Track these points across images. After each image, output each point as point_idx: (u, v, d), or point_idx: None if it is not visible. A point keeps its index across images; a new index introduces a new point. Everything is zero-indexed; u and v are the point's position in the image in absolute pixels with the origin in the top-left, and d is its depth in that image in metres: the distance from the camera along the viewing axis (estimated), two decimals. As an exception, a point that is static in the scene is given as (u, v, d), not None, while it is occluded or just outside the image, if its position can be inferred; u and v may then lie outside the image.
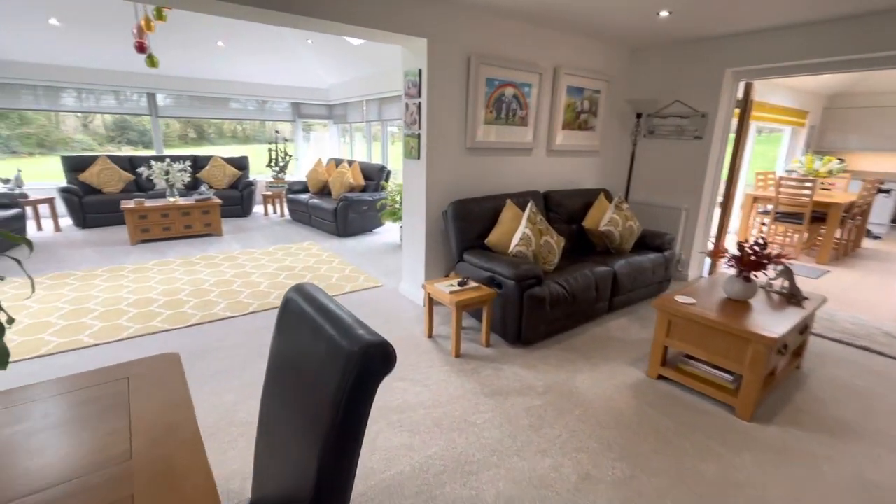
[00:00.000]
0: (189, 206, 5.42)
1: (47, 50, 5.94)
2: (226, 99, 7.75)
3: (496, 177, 3.70)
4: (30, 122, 13.47)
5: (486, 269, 2.96)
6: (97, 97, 6.83)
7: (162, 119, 7.51)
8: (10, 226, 4.75)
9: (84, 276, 4.00)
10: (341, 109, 8.35)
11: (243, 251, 4.97)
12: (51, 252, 4.77)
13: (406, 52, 3.28)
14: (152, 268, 4.29)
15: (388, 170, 6.16)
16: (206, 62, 6.91)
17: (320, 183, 6.59)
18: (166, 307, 3.36)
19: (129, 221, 5.09)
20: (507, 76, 3.49)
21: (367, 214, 5.87)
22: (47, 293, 3.57)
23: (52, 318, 3.13)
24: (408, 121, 3.36)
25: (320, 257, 4.80)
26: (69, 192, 5.75)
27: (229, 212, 6.79)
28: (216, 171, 6.98)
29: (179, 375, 1.13)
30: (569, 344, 2.98)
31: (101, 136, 16.46)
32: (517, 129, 3.70)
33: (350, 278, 4.12)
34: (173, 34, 5.91)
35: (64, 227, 5.98)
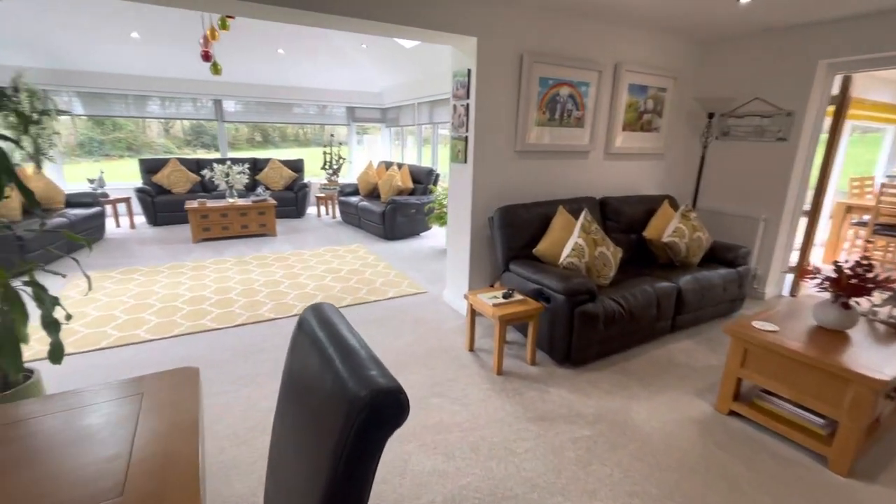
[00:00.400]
0: (246, 207, 5.64)
1: (130, 61, 6.44)
2: (285, 104, 8.05)
3: (547, 181, 3.48)
4: (121, 128, 14.85)
5: (533, 281, 2.76)
6: (177, 104, 7.31)
7: (231, 123, 7.94)
8: (90, 223, 5.16)
9: (148, 272, 4.24)
10: (394, 113, 8.42)
11: (294, 252, 5.08)
12: (124, 248, 5.13)
13: (455, 52, 3.16)
14: (209, 266, 4.48)
15: (437, 173, 6.08)
16: (268, 69, 7.21)
17: (370, 186, 6.64)
18: (217, 306, 3.46)
19: (192, 220, 5.37)
20: (563, 75, 3.27)
21: (415, 218, 5.82)
22: (116, 287, 3.81)
23: (116, 311, 3.31)
24: (455, 123, 3.23)
25: (366, 260, 4.79)
26: (143, 192, 6.19)
27: (284, 212, 7.03)
28: (273, 174, 7.26)
29: (194, 394, 1.07)
30: (624, 367, 2.70)
31: (179, 140, 17.83)
32: (572, 130, 3.46)
33: (393, 283, 4.06)
34: (238, 43, 6.20)
35: (138, 224, 6.45)
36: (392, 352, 2.81)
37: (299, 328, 0.96)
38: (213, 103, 7.50)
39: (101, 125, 14.35)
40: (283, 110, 8.11)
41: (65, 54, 6.07)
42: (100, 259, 4.67)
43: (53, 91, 6.47)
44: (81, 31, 5.58)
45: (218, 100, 7.49)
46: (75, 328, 3.01)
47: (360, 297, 3.69)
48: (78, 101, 6.65)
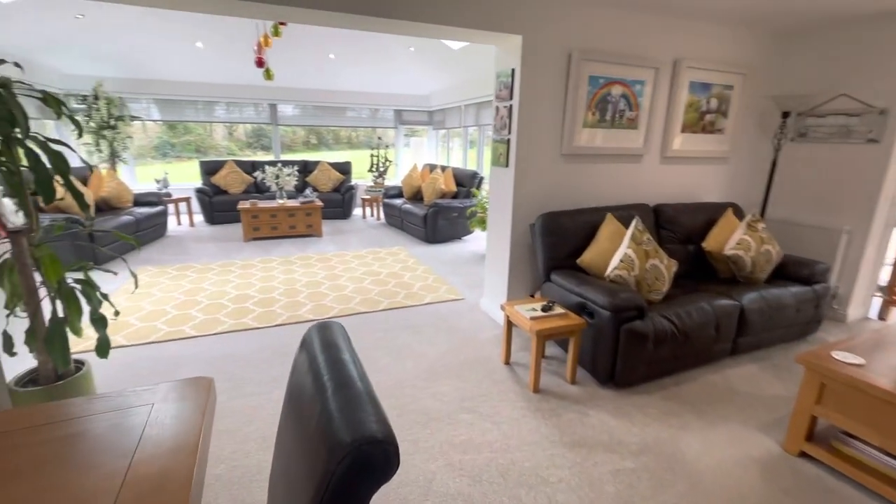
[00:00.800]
0: (294, 208, 5.80)
1: (195, 69, 6.85)
2: (335, 107, 8.25)
3: (595, 187, 3.27)
4: (190, 132, 15.95)
5: (576, 294, 2.57)
6: (240, 109, 7.69)
7: (285, 127, 8.26)
8: (154, 221, 5.52)
9: (200, 269, 4.45)
10: (440, 115, 8.39)
11: (337, 253, 5.16)
12: (182, 245, 5.44)
13: (499, 51, 3.03)
14: (256, 265, 4.63)
15: (481, 176, 5.97)
16: (319, 74, 7.41)
17: (414, 188, 6.64)
18: (259, 305, 3.55)
19: (244, 220, 5.60)
20: (615, 73, 3.05)
21: (457, 221, 5.74)
22: (170, 283, 4.02)
23: (167, 306, 3.48)
24: (497, 125, 3.11)
25: (406, 263, 4.76)
26: (202, 193, 6.56)
27: (331, 213, 7.19)
28: (322, 176, 7.45)
29: (200, 409, 1.03)
30: (675, 392, 2.46)
31: (241, 143, 18.87)
32: (624, 132, 3.22)
33: (431, 288, 3.99)
34: (290, 50, 6.41)
35: (197, 222, 6.84)
36: (425, 360, 2.73)
37: (302, 347, 0.89)
38: (268, 107, 7.82)
39: (173, 129, 15.48)
40: (333, 114, 8.32)
41: (139, 64, 6.55)
42: (160, 255, 4.97)
43: (133, 98, 7.01)
44: (153, 42, 5.99)
45: (273, 104, 7.80)
46: (130, 321, 3.19)
47: (396, 302, 3.65)
48: (155, 107, 7.16)
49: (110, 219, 4.76)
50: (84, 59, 6.19)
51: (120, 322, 3.16)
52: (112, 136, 6.34)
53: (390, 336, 3.05)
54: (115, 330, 3.03)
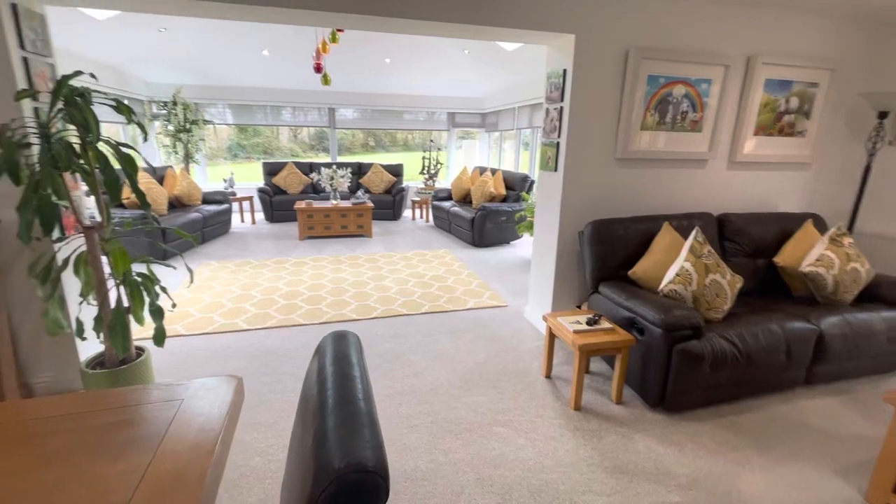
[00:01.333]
0: (346, 209, 5.98)
1: (262, 76, 7.27)
2: (389, 111, 8.42)
3: (651, 194, 3.06)
4: (259, 134, 17.00)
5: (625, 308, 2.41)
6: (304, 113, 8.08)
7: (343, 130, 8.57)
8: (219, 218, 5.91)
9: (257, 265, 4.69)
10: (493, 117, 8.31)
11: (384, 254, 5.24)
12: (243, 241, 5.77)
13: (551, 51, 2.92)
14: (308, 263, 4.81)
15: (532, 180, 5.82)
16: (375, 78, 7.60)
17: (463, 191, 6.61)
18: (307, 302, 3.67)
19: (299, 219, 5.85)
20: (678, 72, 2.83)
21: (505, 226, 5.63)
22: (229, 277, 4.27)
23: (224, 299, 3.69)
24: (547, 128, 3.00)
25: (451, 267, 4.74)
26: (263, 192, 6.94)
27: (382, 215, 7.33)
28: (375, 178, 7.62)
29: (225, 409, 1.05)
30: (734, 421, 2.22)
31: (304, 145, 19.80)
32: (687, 135, 2.99)
33: (475, 293, 3.93)
34: (348, 56, 6.62)
35: (258, 220, 7.25)
36: (462, 368, 2.68)
37: (315, 354, 0.88)
38: (327, 111, 8.14)
39: (243, 132, 16.57)
40: (388, 117, 8.50)
41: (212, 72, 7.06)
42: (223, 250, 5.31)
43: (210, 104, 7.57)
44: (224, 52, 6.43)
45: (331, 108, 8.11)
46: (191, 312, 3.41)
47: (438, 306, 3.63)
48: (228, 111, 7.69)
49: (181, 215, 5.15)
50: (165, 68, 6.77)
51: (181, 312, 3.39)
52: (187, 138, 6.87)
53: (430, 340, 3.03)
54: (177, 319, 3.25)
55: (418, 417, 2.20)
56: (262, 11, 2.33)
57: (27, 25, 2.09)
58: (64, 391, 2.38)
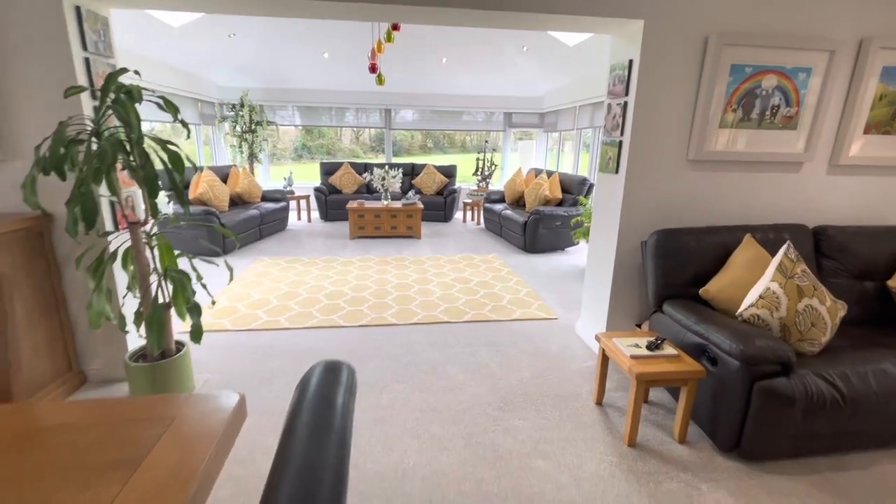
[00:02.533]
0: (396, 210, 5.94)
1: (323, 78, 7.46)
2: (446, 111, 8.33)
3: (729, 201, 2.66)
4: (324, 136, 17.68)
5: (694, 333, 2.08)
6: (367, 114, 8.22)
7: (407, 131, 8.61)
8: (277, 215, 6.10)
9: (307, 263, 4.75)
10: (552, 117, 7.96)
11: (431, 256, 5.12)
12: (297, 239, 5.92)
13: (615, 40, 2.63)
14: (355, 262, 4.80)
15: (591, 183, 5.44)
16: (431, 79, 7.53)
17: (516, 194, 6.35)
18: (350, 303, 3.62)
19: (350, 219, 5.90)
20: (769, 59, 2.44)
21: (559, 231, 5.31)
22: (279, 274, 4.35)
23: (271, 296, 3.74)
24: (608, 126, 2.71)
25: (499, 273, 4.51)
26: (319, 191, 7.10)
27: (433, 216, 7.25)
28: (427, 179, 7.56)
29: (217, 430, 0.93)
30: (832, 480, 1.83)
31: (365, 146, 20.31)
32: (778, 134, 2.57)
33: (522, 303, 3.69)
34: (404, 56, 6.60)
35: (314, 218, 7.44)
36: (503, 385, 2.47)
37: (298, 387, 0.73)
38: (384, 112, 8.20)
39: (309, 133, 17.28)
40: (443, 118, 8.42)
41: (277, 75, 7.34)
42: (277, 246, 5.46)
43: (279, 106, 7.91)
44: (288, 55, 6.65)
45: (388, 109, 8.16)
46: (238, 307, 3.48)
47: (482, 314, 3.44)
48: (297, 113, 8.00)
49: (241, 212, 5.36)
50: (234, 72, 7.13)
51: (229, 308, 3.46)
52: (252, 139, 7.20)
53: (470, 351, 2.84)
54: (224, 314, 3.32)
55: (451, 440, 2.02)
56: (313, 6, 2.27)
57: (90, 28, 2.17)
58: (113, 380, 2.46)
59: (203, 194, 5.09)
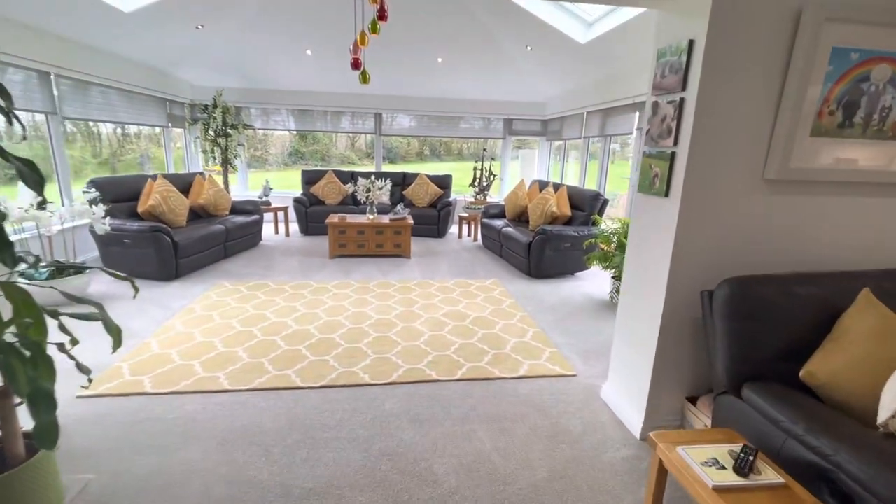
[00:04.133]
0: (382, 226, 5.23)
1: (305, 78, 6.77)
2: (440, 117, 7.67)
3: (827, 236, 1.97)
4: (318, 141, 16.93)
5: (805, 444, 1.37)
6: (363, 119, 7.50)
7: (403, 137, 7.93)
8: (247, 230, 5.37)
9: (273, 290, 4.02)
10: (556, 124, 7.31)
11: (421, 282, 4.40)
12: (269, 257, 5.18)
13: (665, 18, 1.95)
14: (330, 290, 4.07)
15: (605, 199, 4.76)
16: (425, 80, 6.87)
17: (518, 208, 5.66)
18: (314, 350, 2.89)
19: (330, 235, 5.18)
20: (883, 42, 1.76)
21: (569, 253, 4.61)
22: (236, 305, 3.61)
23: (218, 339, 3.00)
24: (654, 132, 2.01)
25: (500, 305, 3.80)
26: (299, 202, 6.38)
27: (424, 231, 6.54)
28: (419, 189, 6.86)
29: None
30: None
31: (361, 153, 19.52)
32: (890, 145, 1.89)
33: (530, 350, 2.97)
34: (396, 54, 5.93)
35: (293, 231, 6.71)
36: (511, 495, 1.74)
37: None
38: (373, 117, 7.52)
39: (304, 138, 16.51)
40: (439, 124, 7.75)
41: (254, 74, 6.64)
42: (243, 267, 4.72)
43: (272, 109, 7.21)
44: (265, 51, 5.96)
45: (378, 113, 7.48)
46: (171, 355, 2.74)
47: (479, 368, 2.72)
48: (291, 117, 7.29)
49: (201, 227, 4.62)
50: (208, 70, 6.43)
51: (159, 356, 2.72)
52: (225, 143, 6.48)
53: (464, 432, 2.12)
54: (148, 368, 2.58)
55: None
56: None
57: None
58: (-50, 486, 1.71)
59: (155, 207, 4.35)
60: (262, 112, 7.27)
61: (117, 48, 4.94)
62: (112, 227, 3.91)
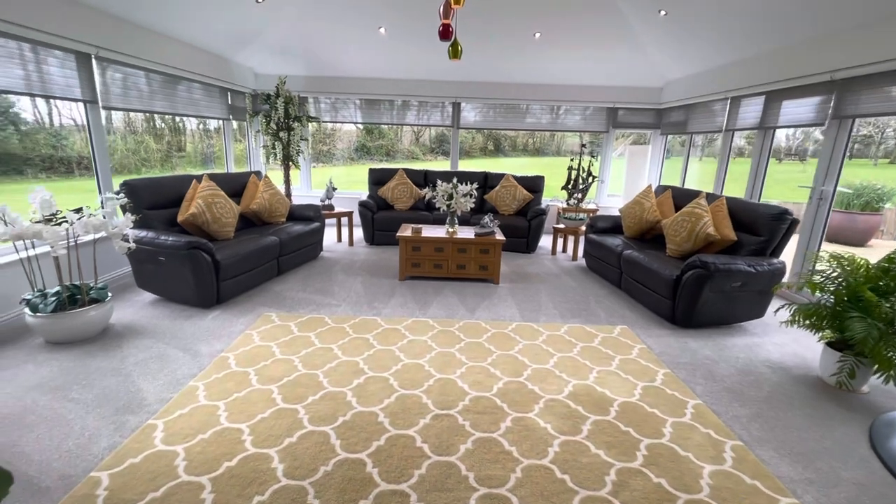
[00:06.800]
0: (466, 243, 4.13)
1: (377, 62, 5.85)
2: (529, 106, 6.43)
3: None
4: (384, 136, 16.15)
5: None
6: (428, 113, 6.49)
7: (466, 131, 6.85)
8: (303, 241, 4.50)
9: (331, 330, 3.06)
10: (678, 114, 5.79)
11: (522, 325, 3.25)
12: (327, 276, 4.28)
13: None
14: (402, 333, 3.04)
15: (792, 219, 3.30)
16: (515, 63, 5.67)
17: (645, 224, 4.31)
18: (382, 463, 1.84)
19: (402, 252, 4.17)
20: None
21: (737, 297, 3.23)
22: (282, 351, 2.68)
23: (246, 425, 2.05)
24: None
25: (651, 378, 2.55)
26: (365, 207, 5.47)
27: (511, 244, 5.37)
28: (505, 193, 5.68)
29: None
30: None
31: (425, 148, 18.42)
32: None
33: (734, 483, 1.71)
34: (485, 28, 4.79)
35: (357, 240, 5.83)
36: None
37: None
38: (451, 107, 6.45)
39: (370, 133, 15.78)
40: (522, 114, 6.51)
41: (322, 59, 5.82)
42: (297, 290, 3.84)
43: (339, 101, 6.44)
44: (335, 30, 5.09)
45: (456, 102, 6.40)
46: (176, 462, 1.81)
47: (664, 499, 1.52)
48: (358, 110, 6.46)
49: (248, 241, 3.79)
50: (271, 55, 5.69)
51: (160, 456, 1.80)
52: (287, 137, 5.72)
53: None
54: (140, 480, 1.66)
55: None
56: None
57: None
58: None
59: (196, 216, 3.56)
60: (328, 104, 6.46)
61: (169, 27, 4.25)
62: (142, 241, 3.15)
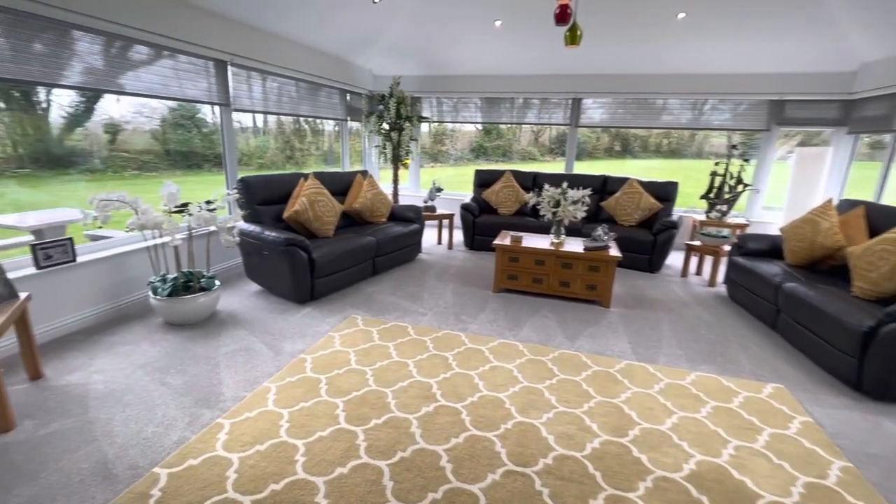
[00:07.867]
0: (573, 257, 3.61)
1: (491, 57, 5.56)
2: (667, 102, 5.51)
3: None
4: (502, 136, 15.84)
5: None
6: (549, 112, 6.04)
7: (587, 129, 6.20)
8: (403, 242, 4.43)
9: (411, 341, 2.85)
10: (880, 106, 4.39)
11: (634, 365, 2.66)
12: (420, 281, 4.13)
13: None
14: (486, 356, 2.70)
15: None
16: (654, 46, 4.87)
17: (819, 250, 3.29)
18: (401, 490, 1.53)
19: (498, 262, 3.81)
20: None
21: (974, 367, 2.20)
22: (359, 358, 2.55)
23: (303, 442, 1.91)
24: None
25: (820, 473, 1.81)
26: (466, 210, 5.23)
27: (629, 260, 4.63)
28: (627, 201, 4.94)
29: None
30: None
31: (544, 148, 17.57)
32: None
33: None
34: (611, 13, 4.16)
35: (456, 243, 5.63)
36: None
37: None
38: (570, 103, 5.86)
39: (488, 133, 15.59)
40: (657, 112, 5.61)
41: (436, 59, 5.74)
42: (388, 293, 3.74)
43: (456, 97, 6.41)
44: (449, 27, 4.93)
45: (577, 98, 5.79)
46: (227, 473, 1.73)
47: None
48: (478, 110, 6.34)
49: (345, 240, 3.80)
50: (387, 55, 5.78)
51: (216, 462, 1.74)
52: (398, 137, 5.76)
53: None
54: (193, 487, 1.61)
55: None
56: None
57: None
58: None
59: (299, 213, 3.67)
60: (450, 105, 6.37)
61: (293, 33, 4.50)
62: (248, 235, 3.32)
